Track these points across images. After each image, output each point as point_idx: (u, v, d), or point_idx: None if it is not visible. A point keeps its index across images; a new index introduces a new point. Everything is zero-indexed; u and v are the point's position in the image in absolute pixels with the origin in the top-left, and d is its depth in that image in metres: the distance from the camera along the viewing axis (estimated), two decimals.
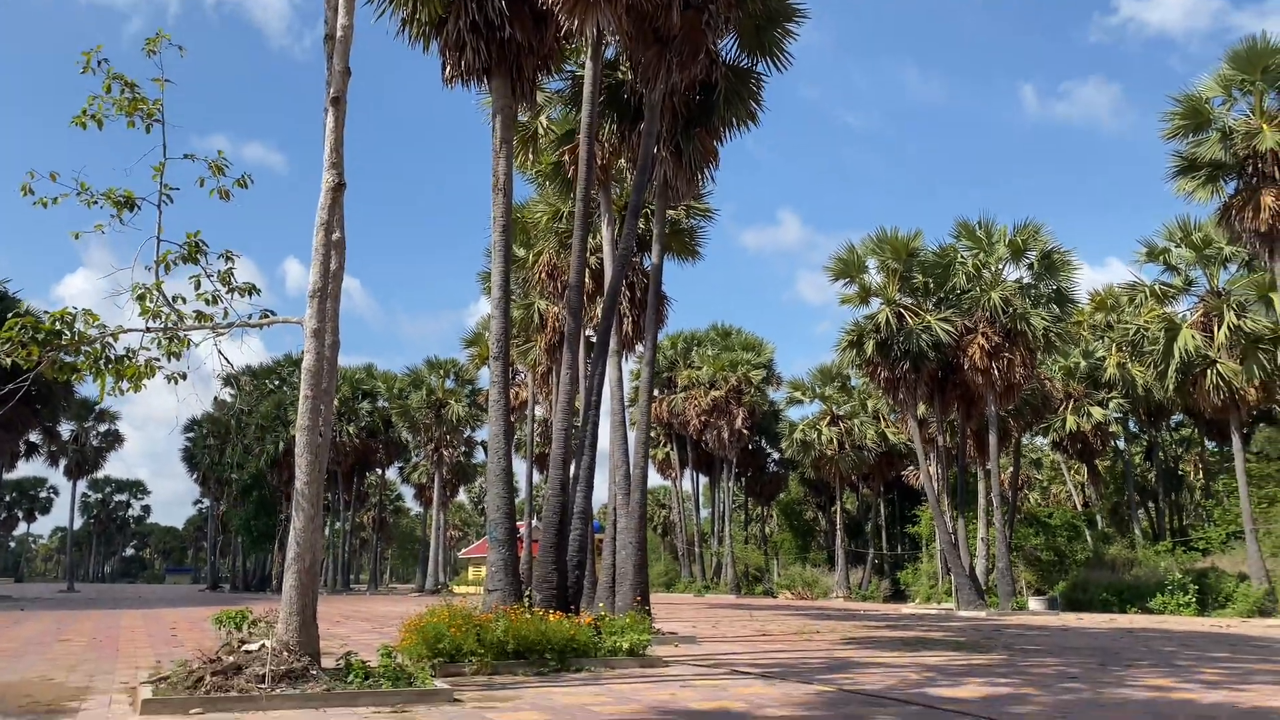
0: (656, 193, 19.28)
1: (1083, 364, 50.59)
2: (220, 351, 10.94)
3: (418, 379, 60.86)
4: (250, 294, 11.52)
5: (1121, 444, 59.15)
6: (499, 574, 13.73)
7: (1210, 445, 62.60)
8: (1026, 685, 11.81)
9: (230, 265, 11.57)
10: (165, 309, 11.26)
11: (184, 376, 11.48)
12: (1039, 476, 69.43)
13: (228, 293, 11.48)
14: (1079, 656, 16.06)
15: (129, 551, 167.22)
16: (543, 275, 28.44)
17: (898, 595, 55.44)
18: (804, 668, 13.97)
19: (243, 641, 10.87)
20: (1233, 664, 14.89)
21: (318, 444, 10.84)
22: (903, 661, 15.00)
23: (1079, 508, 57.70)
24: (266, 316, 11.32)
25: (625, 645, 13.55)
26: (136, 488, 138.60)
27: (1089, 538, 49.69)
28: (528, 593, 14.27)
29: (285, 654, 10.40)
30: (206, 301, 11.46)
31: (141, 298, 10.90)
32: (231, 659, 10.37)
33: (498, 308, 14.57)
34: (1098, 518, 54.96)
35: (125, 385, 11.31)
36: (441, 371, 60.76)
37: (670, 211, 22.97)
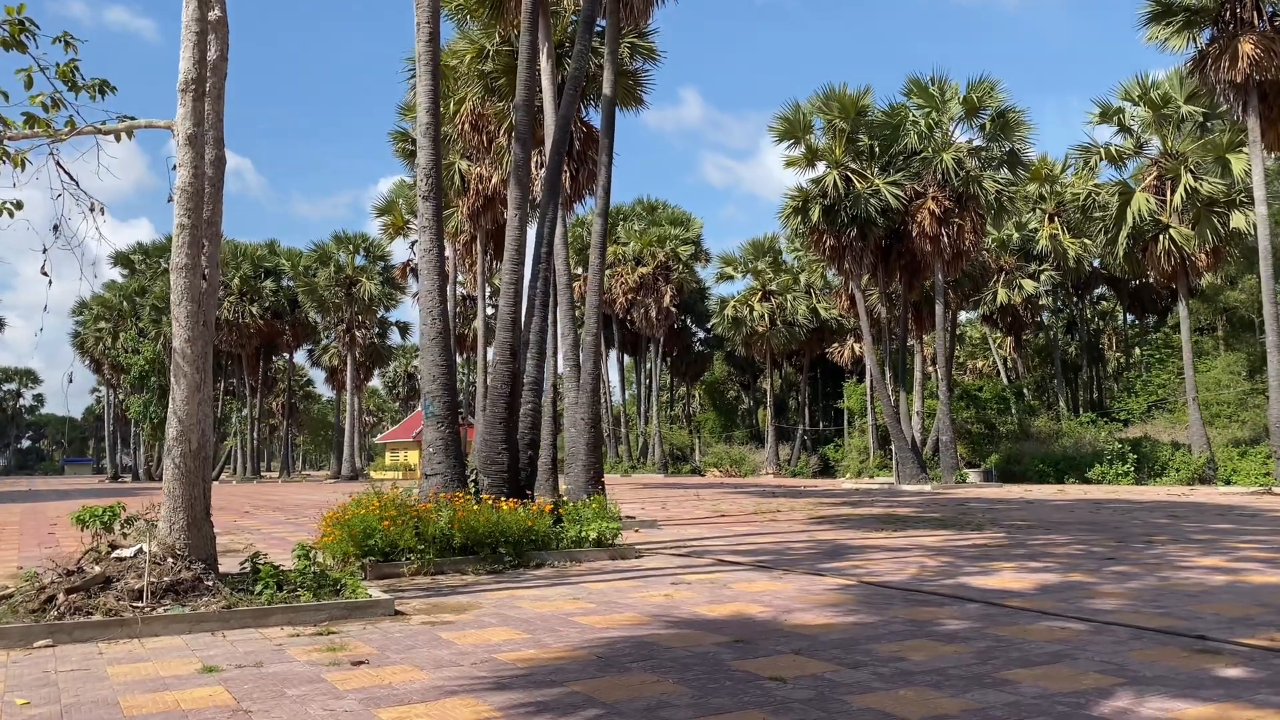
0: (608, 10, 16.47)
1: (1015, 236, 49.59)
2: (60, 165, 8.15)
3: (325, 255, 56.88)
4: (101, 93, 8.67)
5: (1045, 317, 58.98)
6: (438, 455, 11.44)
7: (1130, 319, 63.13)
8: (1070, 571, 10.11)
9: (74, 58, 8.67)
10: None
11: (19, 206, 8.67)
12: (957, 352, 69.45)
13: (70, 92, 8.63)
14: (1082, 533, 14.62)
15: (25, 444, 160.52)
16: (465, 128, 25.38)
17: (825, 471, 55.07)
18: (795, 554, 12.13)
19: (114, 546, 8.43)
20: (1257, 538, 13.56)
21: (200, 290, 8.23)
22: (899, 543, 13.30)
23: (1005, 381, 57.71)
24: (124, 121, 8.50)
25: (592, 535, 11.48)
26: (26, 376, 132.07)
27: (1015, 410, 49.56)
28: (472, 477, 12.04)
29: (170, 560, 8.01)
30: (44, 107, 8.60)
31: None
32: (98, 569, 7.94)
33: (426, 135, 11.86)
34: (1025, 390, 54.97)
35: None
36: (351, 247, 56.86)
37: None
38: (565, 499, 12.69)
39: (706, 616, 7.58)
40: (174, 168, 8.22)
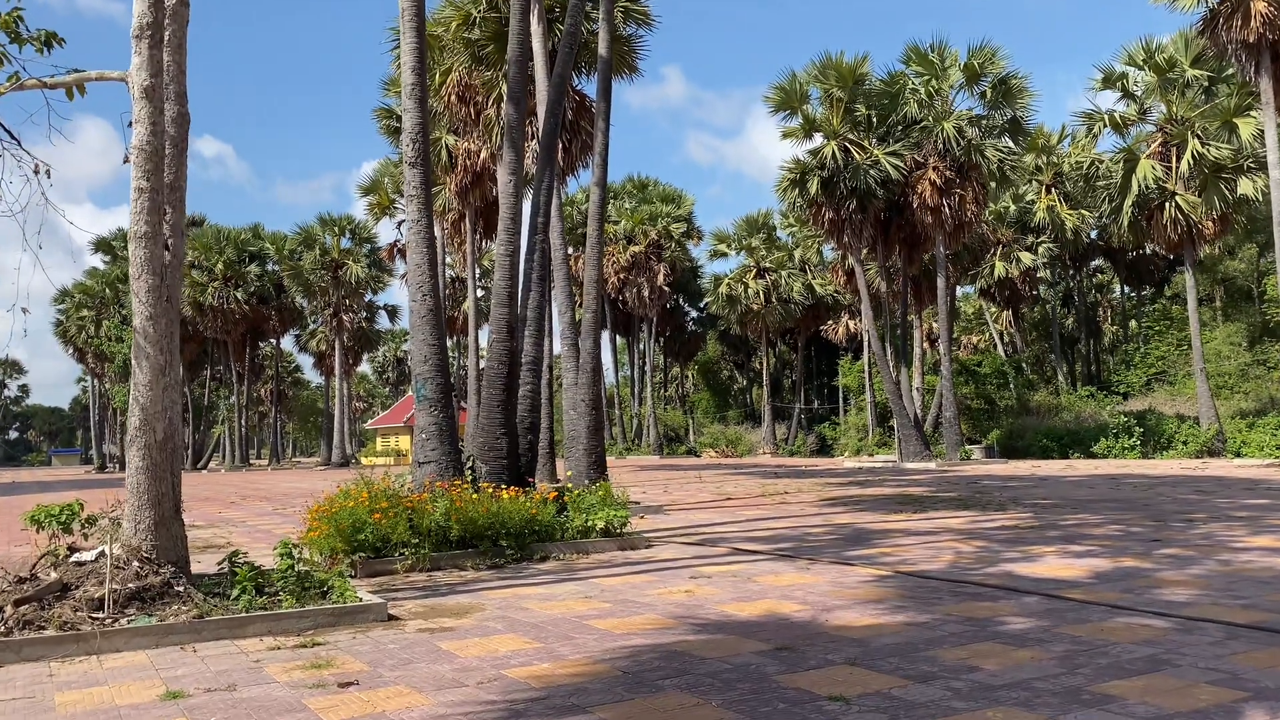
0: None
1: (1012, 208, 48.79)
2: (1, 124, 7.25)
3: (310, 238, 55.63)
4: (48, 46, 7.78)
5: (1042, 290, 58.28)
6: (432, 442, 10.60)
7: (1127, 291, 62.54)
8: (1119, 555, 9.36)
9: (17, 7, 7.79)
10: None
11: None
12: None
13: (13, 44, 7.74)
14: (1112, 511, 13.90)
15: (13, 435, 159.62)
16: (451, 100, 24.36)
17: (823, 450, 54.37)
18: (816, 541, 11.36)
19: (73, 549, 7.60)
20: None
21: (163, 262, 7.36)
22: (923, 527, 12.54)
23: (1003, 356, 57.02)
24: (73, 74, 7.60)
25: (599, 524, 10.69)
26: (11, 367, 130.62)
27: (1014, 385, 48.93)
28: (469, 464, 11.22)
29: (135, 564, 7.18)
30: None
31: None
32: (54, 575, 7.12)
33: (411, 97, 10.97)
34: (1024, 365, 54.32)
35: None
36: (336, 229, 55.63)
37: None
38: (570, 485, 11.87)
39: (737, 617, 6.79)
40: (129, 124, 7.34)
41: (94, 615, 6.66)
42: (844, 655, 5.50)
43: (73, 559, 7.38)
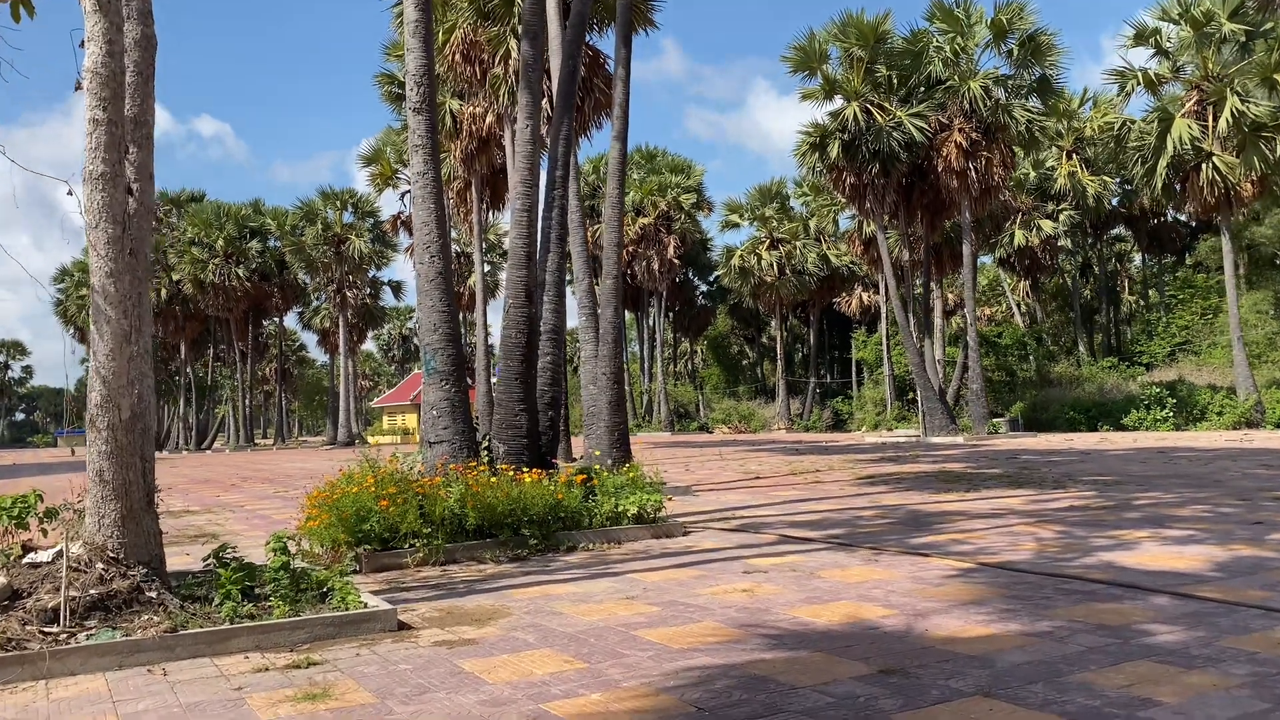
0: None
1: (1032, 175, 47.38)
2: None
3: (311, 212, 54.41)
4: None
5: (1060, 260, 56.91)
6: (444, 419, 9.49)
7: (1148, 259, 61.18)
8: (1226, 541, 8.24)
9: None
10: None
11: None
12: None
13: None
14: (1182, 488, 12.77)
15: (19, 417, 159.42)
16: (455, 59, 23.13)
17: (837, 425, 53.27)
18: (870, 526, 10.25)
19: (28, 548, 6.51)
20: None
21: (125, 208, 6.22)
22: (983, 508, 11.43)
23: (1022, 326, 55.72)
24: None
25: (631, 509, 9.58)
26: (14, 348, 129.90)
27: (1034, 357, 47.70)
28: (485, 444, 10.11)
29: (99, 566, 6.08)
30: None
31: None
32: (3, 580, 6.02)
33: (416, 35, 9.75)
34: (1045, 336, 53.04)
35: None
36: (339, 203, 54.39)
37: None
38: (596, 466, 10.77)
39: (815, 626, 5.67)
40: (81, 44, 6.18)
41: (47, 629, 5.56)
42: (970, 681, 4.38)
43: (26, 560, 6.30)
